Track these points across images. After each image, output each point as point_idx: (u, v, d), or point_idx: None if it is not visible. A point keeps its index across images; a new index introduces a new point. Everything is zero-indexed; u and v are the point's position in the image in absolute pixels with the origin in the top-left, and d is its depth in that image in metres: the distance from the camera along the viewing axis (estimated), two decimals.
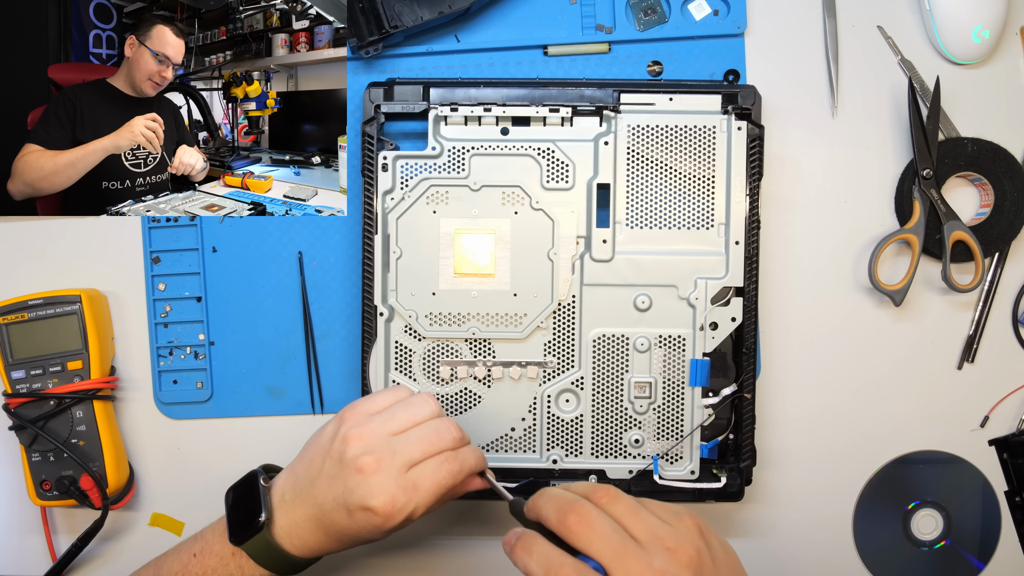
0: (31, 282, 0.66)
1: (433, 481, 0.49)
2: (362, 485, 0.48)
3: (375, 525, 0.48)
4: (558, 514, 0.44)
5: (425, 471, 0.49)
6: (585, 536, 0.42)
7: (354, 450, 0.49)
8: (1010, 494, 0.67)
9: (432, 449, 0.50)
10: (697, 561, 0.42)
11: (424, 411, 0.52)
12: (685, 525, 0.44)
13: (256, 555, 0.51)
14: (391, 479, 0.48)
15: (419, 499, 0.48)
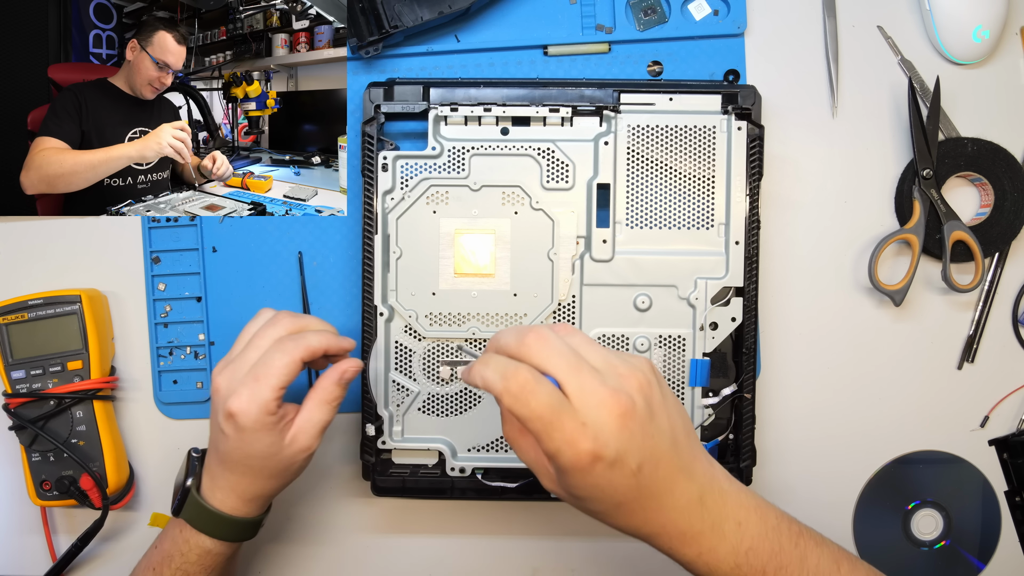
0: (31, 282, 0.66)
1: (270, 366, 0.50)
2: (219, 400, 0.51)
3: (240, 427, 0.50)
4: (516, 336, 0.44)
5: (262, 361, 0.51)
6: (543, 353, 0.43)
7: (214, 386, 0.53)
8: (1010, 494, 0.67)
9: (266, 343, 0.52)
10: (648, 389, 0.43)
11: (258, 323, 0.54)
12: (639, 361, 0.45)
13: (192, 520, 0.54)
14: (237, 382, 0.51)
15: (262, 387, 0.50)
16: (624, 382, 0.43)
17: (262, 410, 0.50)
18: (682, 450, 0.44)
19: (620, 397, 0.42)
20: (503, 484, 0.61)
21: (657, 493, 0.43)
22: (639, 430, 0.42)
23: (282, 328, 0.53)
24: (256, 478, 0.53)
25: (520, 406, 0.41)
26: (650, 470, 0.43)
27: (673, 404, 0.45)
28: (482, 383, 0.43)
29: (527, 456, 0.46)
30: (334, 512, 0.66)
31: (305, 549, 0.66)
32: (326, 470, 0.66)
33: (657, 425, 0.43)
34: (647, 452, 0.42)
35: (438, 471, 0.62)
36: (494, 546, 0.67)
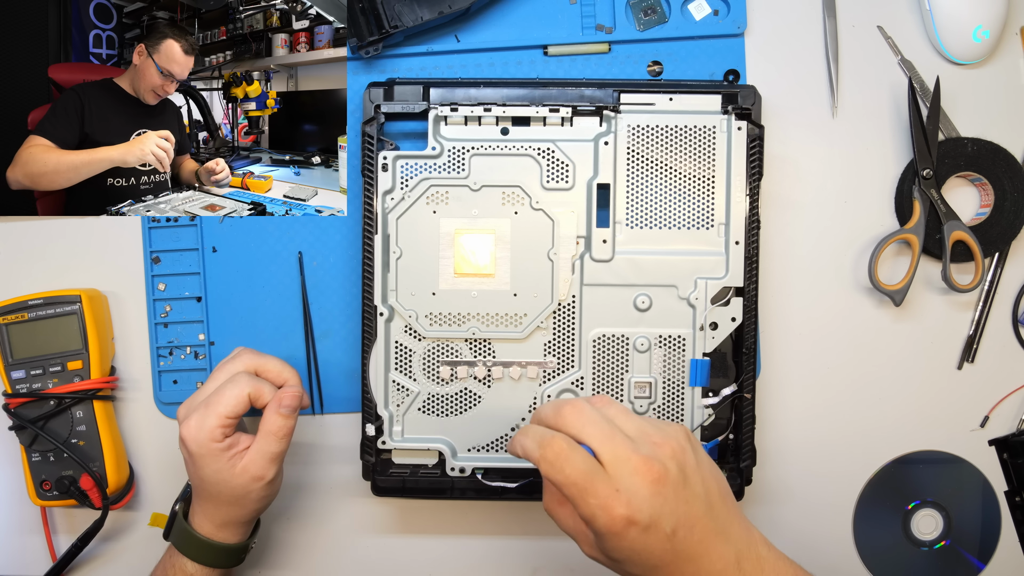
0: (31, 282, 0.66)
1: (220, 396, 0.54)
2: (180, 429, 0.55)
3: (191, 452, 0.54)
4: (554, 408, 0.47)
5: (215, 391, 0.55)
6: (578, 422, 0.45)
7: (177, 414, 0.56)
8: (1010, 494, 0.67)
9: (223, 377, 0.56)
10: (681, 455, 0.45)
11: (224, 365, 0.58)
12: (673, 429, 0.47)
13: (178, 544, 0.57)
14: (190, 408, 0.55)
15: (211, 414, 0.54)
16: (657, 449, 0.45)
17: (208, 436, 0.53)
18: (718, 513, 0.46)
19: (653, 464, 0.44)
20: (503, 484, 0.61)
21: (693, 556, 0.44)
22: (672, 495, 0.44)
23: (240, 364, 0.57)
24: (218, 504, 0.56)
25: (555, 472, 0.43)
26: (684, 534, 0.44)
27: (708, 468, 0.47)
28: (522, 452, 0.46)
29: (566, 524, 0.48)
30: (334, 512, 0.66)
31: (305, 549, 0.66)
32: (326, 470, 0.66)
33: (691, 490, 0.45)
34: (681, 516, 0.44)
35: (438, 471, 0.62)
36: (494, 546, 0.67)
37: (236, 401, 0.54)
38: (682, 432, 0.46)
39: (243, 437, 0.55)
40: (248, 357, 0.58)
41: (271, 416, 0.55)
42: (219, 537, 0.57)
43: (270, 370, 0.58)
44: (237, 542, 0.58)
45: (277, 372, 0.58)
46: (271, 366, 0.58)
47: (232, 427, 0.55)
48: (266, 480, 0.55)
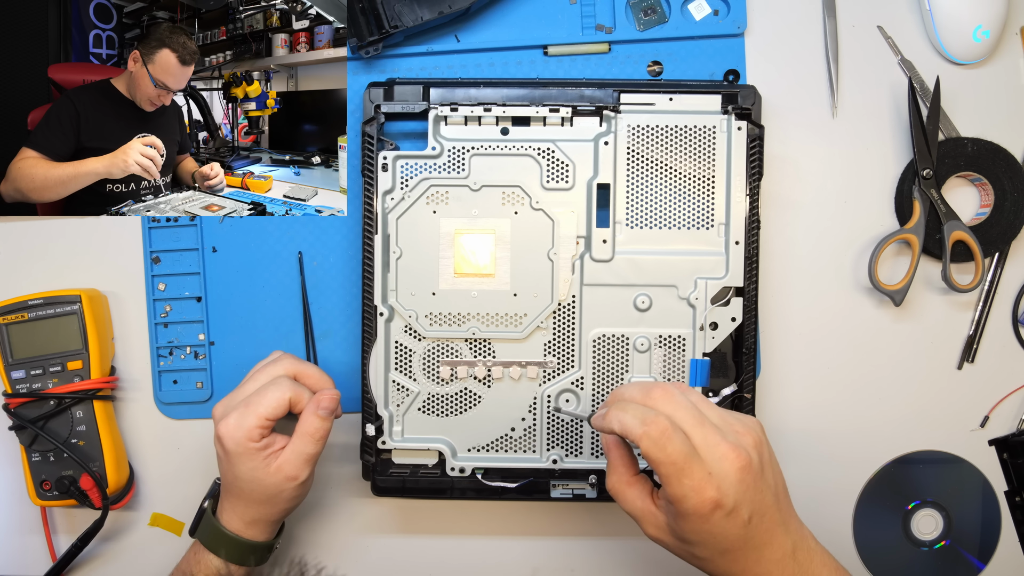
0: (31, 282, 0.66)
1: (261, 397, 0.55)
2: (215, 426, 0.55)
3: (227, 450, 0.55)
4: (642, 390, 0.49)
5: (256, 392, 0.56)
6: (669, 406, 0.47)
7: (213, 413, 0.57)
8: (1010, 494, 0.67)
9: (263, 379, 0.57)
10: (760, 447, 0.48)
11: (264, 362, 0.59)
12: (751, 421, 0.49)
13: (205, 540, 0.57)
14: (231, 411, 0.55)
15: (250, 413, 0.54)
16: (741, 438, 0.47)
17: (245, 436, 0.54)
18: (782, 505, 0.49)
19: (740, 452, 0.46)
20: (503, 484, 0.61)
21: (760, 544, 0.47)
22: (753, 483, 0.46)
23: (280, 367, 0.58)
24: (249, 502, 0.56)
25: (657, 450, 0.45)
26: (757, 521, 0.47)
27: (775, 463, 0.49)
28: (620, 427, 0.47)
29: (633, 504, 0.50)
30: (334, 512, 0.66)
31: (305, 549, 0.66)
32: (326, 470, 0.66)
33: (766, 480, 0.47)
34: (757, 504, 0.46)
35: (438, 471, 0.62)
36: (494, 546, 0.67)
37: (277, 403, 0.55)
38: (759, 424, 0.49)
39: (279, 438, 0.56)
40: (288, 362, 0.58)
41: (309, 418, 0.56)
42: (247, 534, 0.57)
43: (310, 375, 0.58)
44: (264, 540, 0.58)
45: (317, 378, 0.58)
46: (310, 372, 0.58)
47: (269, 428, 0.55)
48: (299, 480, 0.56)
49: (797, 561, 0.48)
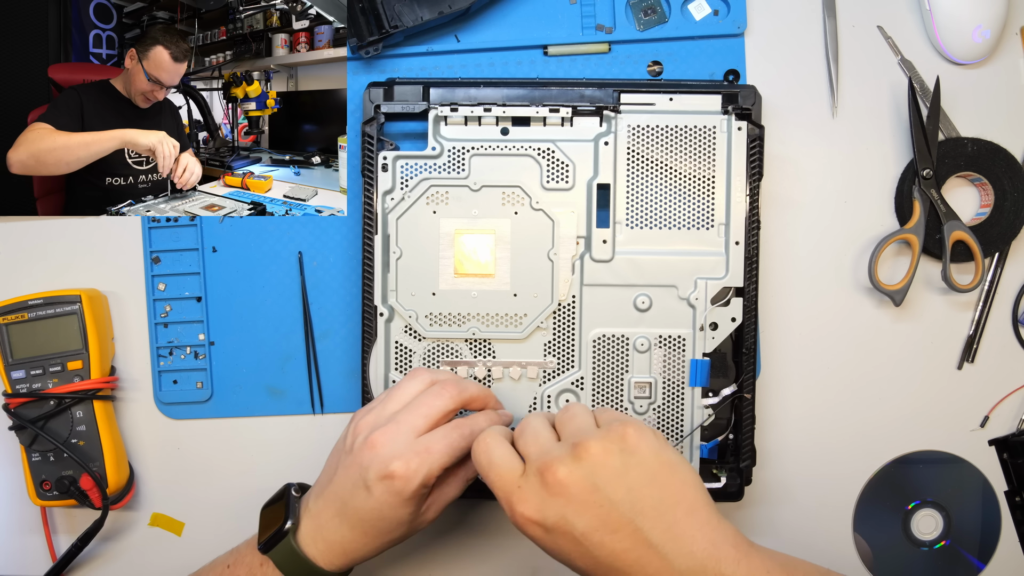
0: (31, 282, 0.66)
1: (445, 443, 0.50)
2: (376, 458, 0.49)
3: (396, 491, 0.49)
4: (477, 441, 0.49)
5: (435, 435, 0.50)
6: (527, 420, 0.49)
7: (361, 436, 0.51)
8: (1010, 494, 0.67)
9: (433, 412, 0.51)
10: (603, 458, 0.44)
11: (416, 383, 0.54)
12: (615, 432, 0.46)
13: (281, 563, 0.52)
14: (403, 445, 0.50)
15: (432, 460, 0.49)
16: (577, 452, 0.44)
17: (424, 482, 0.49)
18: (653, 523, 0.43)
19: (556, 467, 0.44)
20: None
21: (619, 566, 0.43)
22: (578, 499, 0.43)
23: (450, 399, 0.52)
24: (374, 539, 0.51)
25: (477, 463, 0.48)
26: (600, 539, 0.43)
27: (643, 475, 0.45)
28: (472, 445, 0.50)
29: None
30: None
31: None
32: None
33: (606, 495, 0.44)
34: (590, 522, 0.43)
35: None
36: (494, 546, 0.67)
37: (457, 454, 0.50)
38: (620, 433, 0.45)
39: None
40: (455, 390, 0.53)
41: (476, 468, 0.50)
42: (336, 566, 0.52)
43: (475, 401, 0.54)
44: (346, 571, 0.53)
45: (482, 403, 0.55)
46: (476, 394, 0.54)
47: None
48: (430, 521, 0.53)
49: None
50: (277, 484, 0.66)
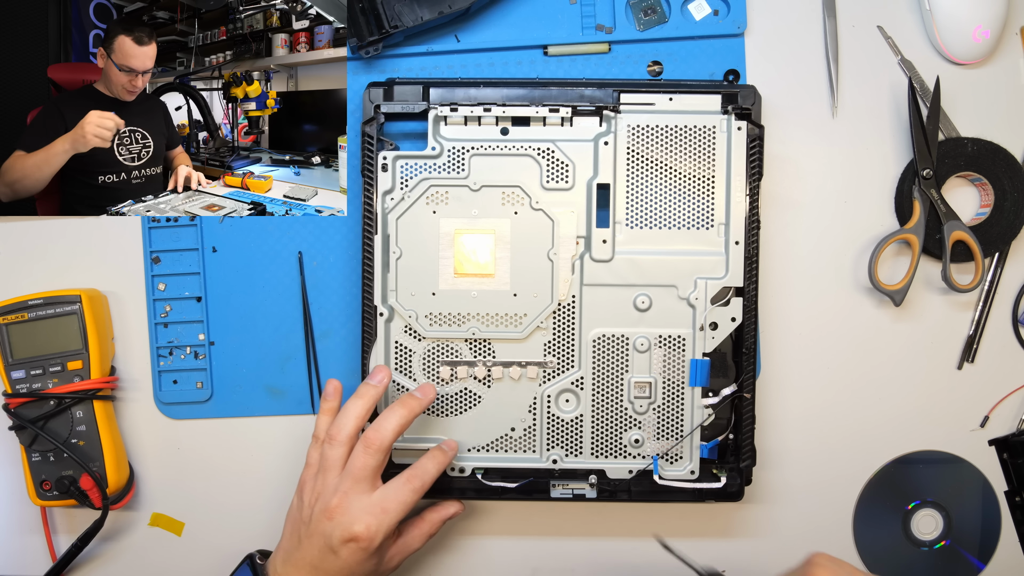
0: (31, 282, 0.66)
1: (398, 502, 0.55)
2: (338, 526, 0.54)
3: (362, 549, 0.54)
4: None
5: (388, 493, 0.55)
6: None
7: (319, 506, 0.55)
8: (1010, 494, 0.67)
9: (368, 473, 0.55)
10: None
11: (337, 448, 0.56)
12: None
13: None
14: (358, 508, 0.54)
15: (390, 519, 0.54)
16: None
17: (386, 535, 0.55)
18: None
19: None
20: (503, 484, 0.61)
21: None
22: None
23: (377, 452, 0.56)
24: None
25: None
26: None
27: None
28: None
29: None
30: None
31: None
32: None
33: None
34: None
35: None
36: (494, 546, 0.67)
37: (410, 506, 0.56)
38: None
39: None
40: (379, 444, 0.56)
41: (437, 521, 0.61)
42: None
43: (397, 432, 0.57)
44: None
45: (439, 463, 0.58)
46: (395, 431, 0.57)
47: None
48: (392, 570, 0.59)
49: None
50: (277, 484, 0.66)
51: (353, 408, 0.57)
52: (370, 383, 0.58)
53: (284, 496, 0.66)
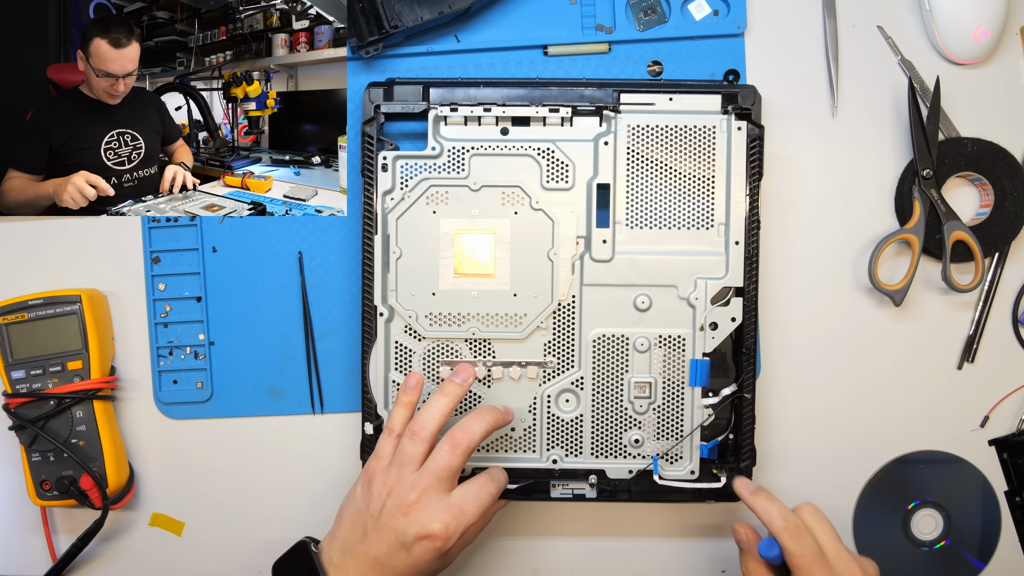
0: (31, 282, 0.66)
1: (477, 504, 0.54)
2: (414, 523, 0.52)
3: (436, 549, 0.52)
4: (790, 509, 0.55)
5: (468, 495, 0.54)
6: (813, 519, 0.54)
7: (392, 500, 0.53)
8: (1010, 494, 0.67)
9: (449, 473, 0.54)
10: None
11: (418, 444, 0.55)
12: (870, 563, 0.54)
13: None
14: (437, 507, 0.53)
15: (467, 519, 0.53)
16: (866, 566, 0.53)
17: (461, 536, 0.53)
18: None
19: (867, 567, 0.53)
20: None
21: None
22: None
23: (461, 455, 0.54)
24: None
25: (795, 543, 0.52)
26: None
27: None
28: (764, 514, 0.55)
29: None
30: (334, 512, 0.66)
31: None
32: (326, 470, 0.66)
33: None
34: None
35: None
36: (494, 546, 0.67)
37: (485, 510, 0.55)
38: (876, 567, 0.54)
39: None
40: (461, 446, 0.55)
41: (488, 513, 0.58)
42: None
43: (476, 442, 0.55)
44: None
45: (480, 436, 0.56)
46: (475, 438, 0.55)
47: None
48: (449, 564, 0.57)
49: None
50: (277, 484, 0.66)
51: (437, 405, 0.56)
52: (454, 380, 0.57)
53: (282, 497, 0.66)
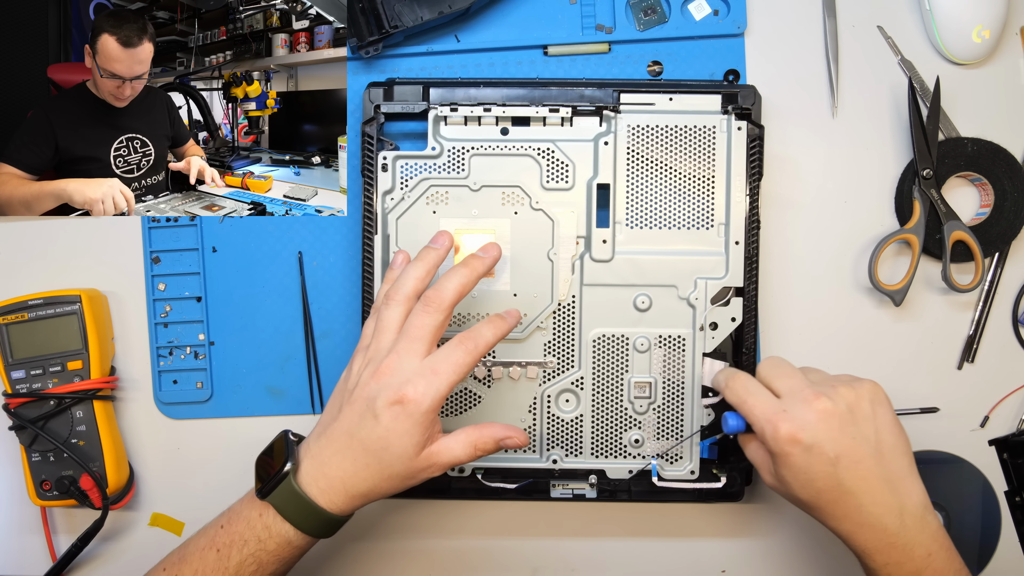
0: (31, 282, 0.66)
1: (450, 364, 0.50)
2: (385, 387, 0.49)
3: (408, 415, 0.49)
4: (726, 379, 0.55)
5: (440, 356, 0.50)
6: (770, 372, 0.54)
7: (367, 371, 0.51)
8: (1010, 494, 0.67)
9: (427, 333, 0.51)
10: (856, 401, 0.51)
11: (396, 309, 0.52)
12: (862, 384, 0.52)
13: (281, 506, 0.51)
14: (409, 370, 0.50)
15: (440, 381, 0.49)
16: (832, 391, 0.51)
17: (432, 405, 0.49)
18: (887, 463, 0.51)
19: (822, 397, 0.50)
20: (503, 484, 0.61)
21: (855, 491, 0.50)
22: (838, 427, 0.50)
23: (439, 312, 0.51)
24: (375, 474, 0.50)
25: (732, 394, 0.53)
26: (848, 465, 0.49)
27: (886, 423, 0.52)
28: (712, 383, 0.58)
29: (754, 455, 0.55)
30: None
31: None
32: None
33: (859, 430, 0.50)
34: (845, 448, 0.50)
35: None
36: (494, 546, 0.67)
37: (467, 370, 0.50)
38: (868, 387, 0.52)
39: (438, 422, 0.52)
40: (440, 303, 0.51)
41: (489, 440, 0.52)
42: (338, 507, 0.51)
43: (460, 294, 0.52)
44: (346, 515, 0.52)
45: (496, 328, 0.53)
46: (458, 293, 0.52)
47: None
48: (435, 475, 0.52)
49: (903, 524, 0.50)
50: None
51: (412, 270, 0.53)
52: (431, 246, 0.55)
53: None
